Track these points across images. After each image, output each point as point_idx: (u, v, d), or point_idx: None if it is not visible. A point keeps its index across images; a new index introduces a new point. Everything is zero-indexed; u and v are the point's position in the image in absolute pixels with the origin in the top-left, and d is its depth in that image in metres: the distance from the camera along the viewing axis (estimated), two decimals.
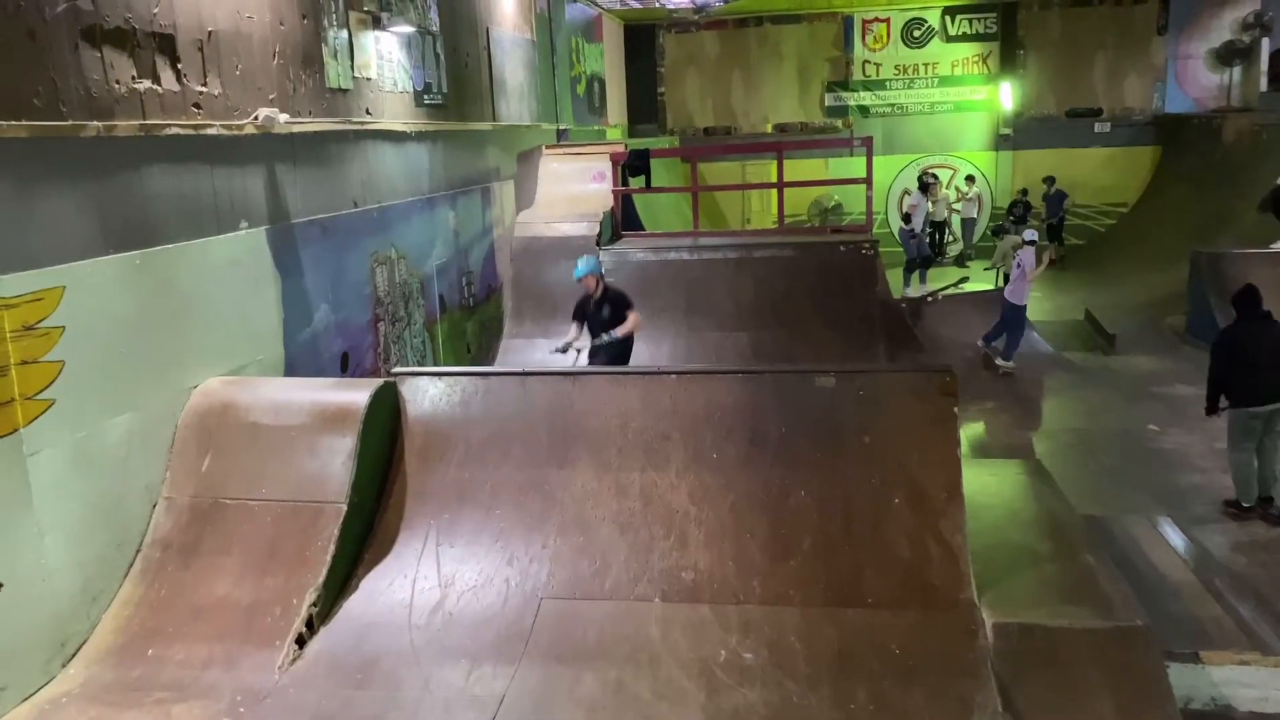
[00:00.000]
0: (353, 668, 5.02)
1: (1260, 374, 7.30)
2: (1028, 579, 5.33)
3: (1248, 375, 7.35)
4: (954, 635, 4.97)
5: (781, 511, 5.68)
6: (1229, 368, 7.47)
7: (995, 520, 6.09)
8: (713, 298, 11.17)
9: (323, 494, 5.70)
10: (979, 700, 4.54)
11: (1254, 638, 5.32)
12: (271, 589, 5.36)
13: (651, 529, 5.72)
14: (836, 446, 5.83)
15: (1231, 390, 7.46)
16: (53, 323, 4.98)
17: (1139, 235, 19.07)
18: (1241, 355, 7.41)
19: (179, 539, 5.61)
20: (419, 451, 6.13)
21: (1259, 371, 7.31)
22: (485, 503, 5.91)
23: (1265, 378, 7.30)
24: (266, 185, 7.02)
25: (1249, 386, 7.34)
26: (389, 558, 5.72)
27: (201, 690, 4.85)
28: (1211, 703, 5.16)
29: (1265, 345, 7.38)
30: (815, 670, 4.84)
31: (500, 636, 5.20)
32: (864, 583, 5.33)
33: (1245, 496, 7.42)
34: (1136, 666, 4.68)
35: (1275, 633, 5.36)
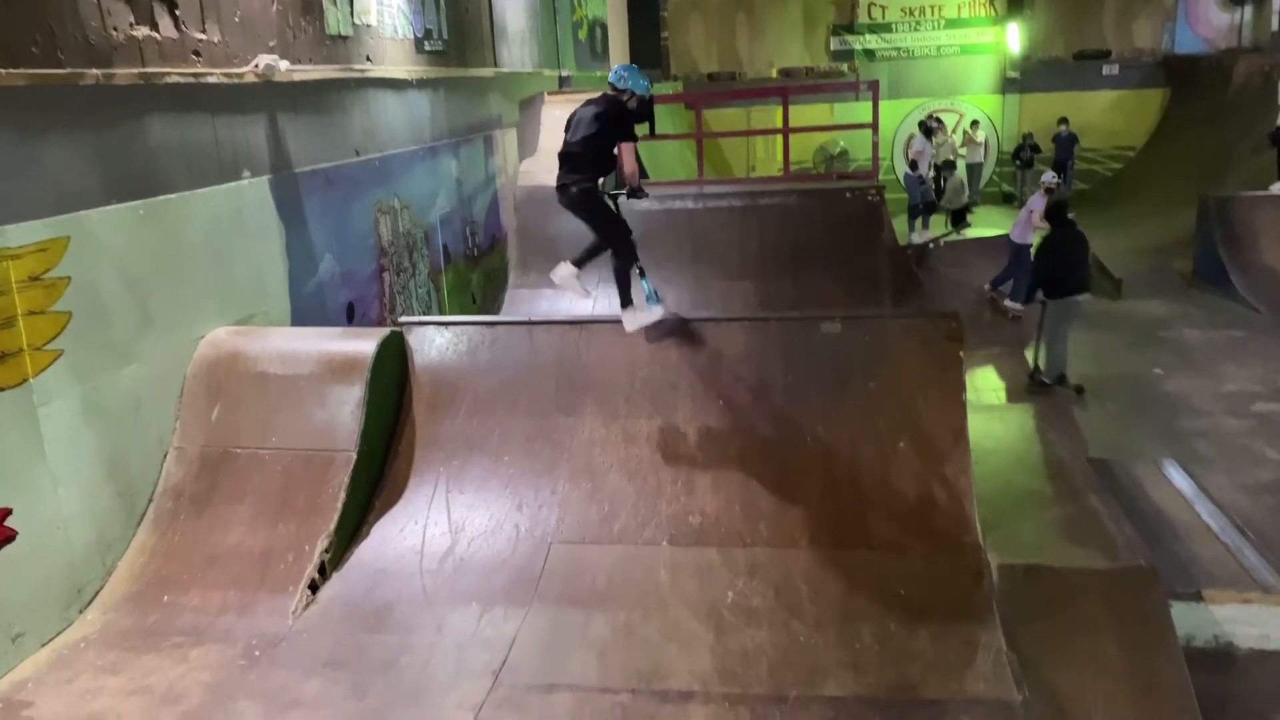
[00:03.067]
0: (366, 612, 5.10)
1: (1073, 271, 9.15)
2: (1033, 521, 5.38)
3: (1064, 273, 9.14)
4: (959, 577, 5.02)
5: (788, 457, 5.72)
6: (1050, 267, 9.19)
7: (1001, 464, 6.14)
8: (718, 247, 11.11)
9: (332, 443, 5.74)
10: (984, 640, 4.60)
11: (1256, 577, 5.37)
12: (284, 536, 5.42)
13: (659, 475, 5.76)
14: (842, 392, 5.85)
15: (1051, 285, 9.17)
16: (59, 273, 4.98)
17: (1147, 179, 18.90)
18: (1059, 257, 9.21)
19: (191, 488, 5.66)
20: (427, 400, 6.16)
21: (1072, 269, 9.16)
22: (494, 450, 5.95)
23: (1076, 274, 9.17)
24: (268, 134, 6.97)
25: (1065, 281, 9.11)
26: (400, 505, 5.77)
27: (217, 635, 4.93)
28: (1214, 640, 5.22)
29: (1075, 249, 9.30)
30: (821, 612, 4.90)
31: (511, 581, 5.26)
32: (870, 526, 5.38)
33: (1051, 374, 9.12)
34: (1140, 606, 4.73)
35: (1277, 572, 5.41)
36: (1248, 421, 8.19)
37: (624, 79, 6.43)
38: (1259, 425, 8.09)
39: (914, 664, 4.50)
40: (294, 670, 4.65)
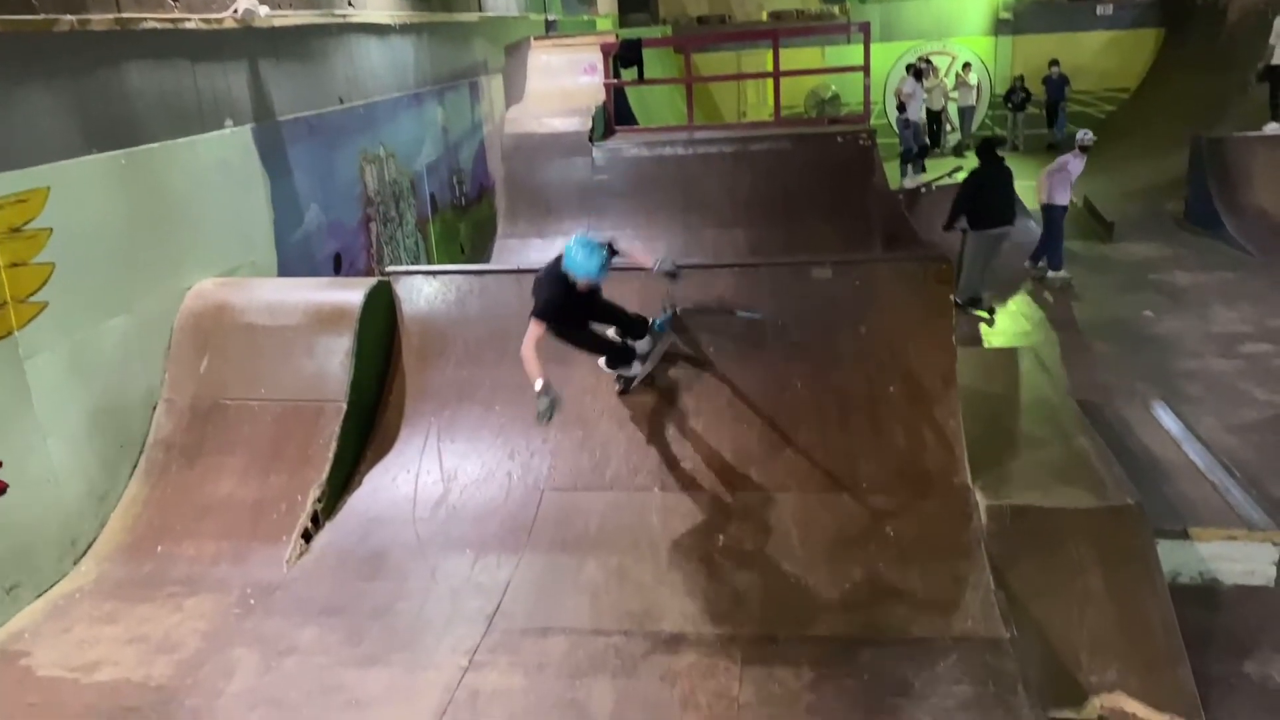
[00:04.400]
0: (360, 560, 5.13)
1: (996, 206, 9.76)
2: (1022, 463, 5.40)
3: (988, 206, 9.71)
4: (948, 518, 5.06)
5: (778, 402, 5.73)
6: (974, 200, 9.78)
7: (990, 407, 6.15)
8: (709, 194, 11.02)
9: (322, 393, 5.73)
10: (972, 579, 4.65)
11: (1241, 514, 5.42)
12: (276, 486, 5.44)
13: (650, 422, 5.77)
14: (833, 337, 5.85)
15: (974, 217, 9.77)
16: (40, 224, 4.92)
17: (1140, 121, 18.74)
18: (983, 191, 9.77)
19: (181, 440, 5.66)
20: (416, 350, 6.14)
21: (996, 204, 9.76)
22: (485, 400, 5.95)
23: (999, 208, 9.81)
24: (250, 82, 6.86)
25: (986, 215, 9.73)
26: (391, 454, 5.78)
27: (212, 584, 4.96)
28: (1199, 577, 5.29)
29: (999, 184, 9.88)
30: (811, 554, 4.94)
31: (503, 528, 5.29)
32: (860, 469, 5.41)
33: (962, 296, 9.60)
34: (1127, 544, 4.77)
35: (1262, 509, 5.46)
36: (1236, 362, 8.22)
37: (569, 255, 5.10)
38: (1248, 366, 8.12)
39: (903, 604, 4.55)
40: (289, 618, 4.69)
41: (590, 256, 5.03)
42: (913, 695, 3.95)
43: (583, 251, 5.04)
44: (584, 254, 5.04)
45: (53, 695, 4.19)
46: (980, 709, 3.87)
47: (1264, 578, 5.26)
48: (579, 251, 5.05)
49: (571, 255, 5.06)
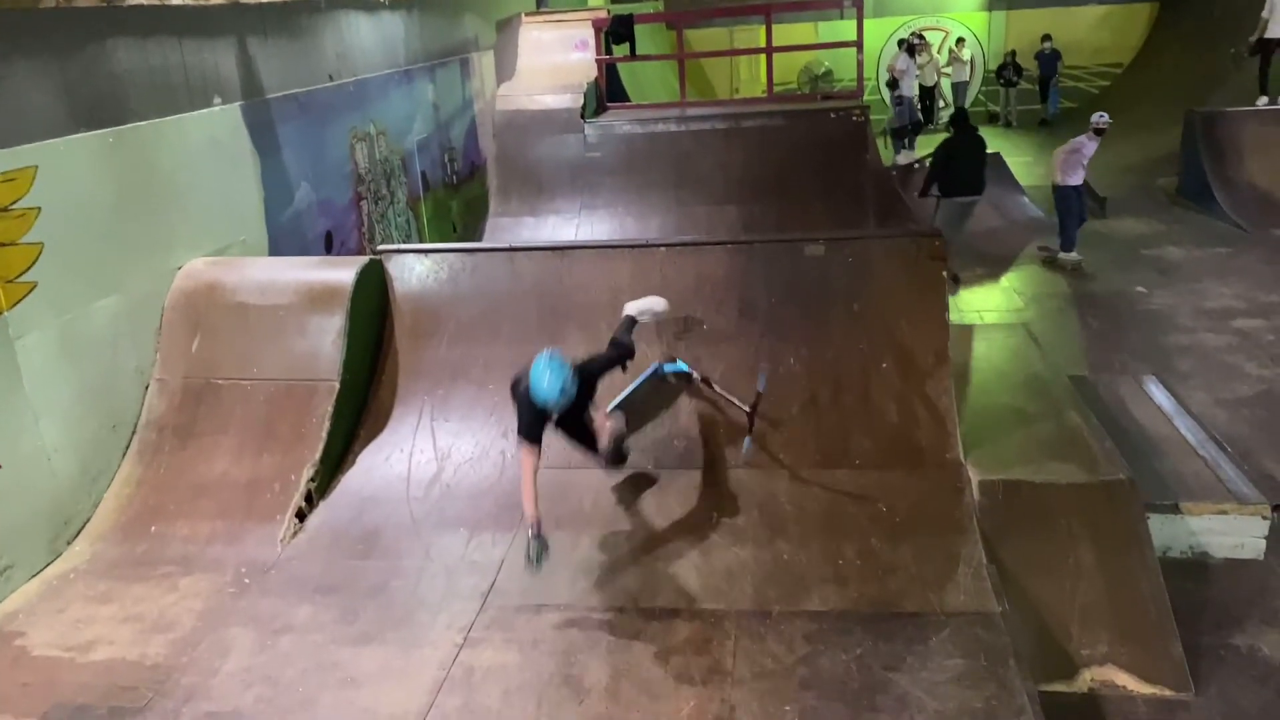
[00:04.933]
0: (354, 539, 5.13)
1: (968, 174, 10.09)
2: (1014, 438, 5.42)
3: (960, 175, 10.05)
4: (941, 493, 5.08)
5: (772, 378, 5.72)
6: (945, 167, 10.10)
7: (983, 383, 6.16)
8: (701, 171, 10.98)
9: (315, 372, 5.72)
10: (964, 554, 4.67)
11: (1232, 489, 5.44)
12: (269, 466, 5.43)
13: (644, 400, 5.76)
14: (826, 314, 5.84)
15: (945, 185, 10.09)
16: (28, 203, 4.89)
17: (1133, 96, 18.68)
18: (954, 160, 10.07)
19: (174, 420, 5.65)
20: (409, 329, 6.13)
21: (968, 173, 10.09)
22: (478, 378, 5.94)
23: (971, 177, 10.13)
24: (238, 59, 6.80)
25: (956, 182, 10.07)
26: (385, 433, 5.78)
27: (206, 564, 4.96)
28: (1189, 550, 5.32)
29: (970, 154, 10.22)
30: (805, 529, 4.96)
31: (498, 506, 5.30)
32: (852, 445, 5.42)
33: None
34: (1118, 518, 4.80)
35: (1253, 483, 5.48)
36: (1228, 337, 8.24)
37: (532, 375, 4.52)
38: (1239, 341, 8.14)
39: (896, 578, 4.57)
40: (284, 596, 4.70)
41: (549, 380, 4.43)
42: (905, 669, 3.98)
43: (542, 374, 4.45)
44: (542, 376, 4.44)
45: (48, 674, 4.20)
46: (972, 682, 3.90)
47: (1253, 551, 5.29)
48: (537, 374, 4.47)
49: (533, 376, 4.48)
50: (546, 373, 4.45)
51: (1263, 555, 5.30)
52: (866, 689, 3.88)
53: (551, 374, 4.45)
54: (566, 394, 4.48)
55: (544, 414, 4.59)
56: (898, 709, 3.78)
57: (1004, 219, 12.33)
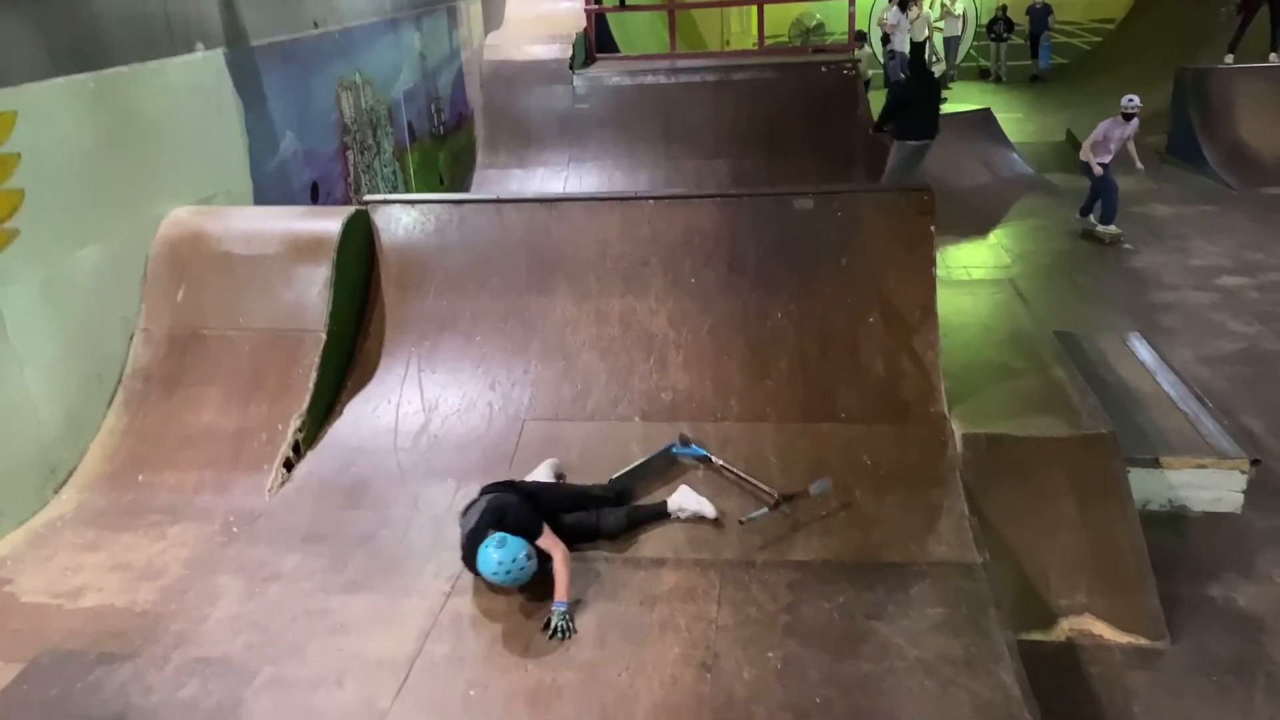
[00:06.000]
0: (342, 489, 5.15)
1: (917, 119, 10.02)
2: (999, 392, 5.46)
3: (911, 118, 9.99)
4: (925, 447, 5.13)
5: (759, 333, 5.74)
6: (900, 111, 10.06)
7: (969, 338, 6.19)
8: (691, 123, 10.90)
9: (301, 323, 5.70)
10: (947, 506, 4.72)
11: (1212, 444, 5.51)
12: (256, 416, 5.43)
13: (631, 353, 5.77)
14: (814, 268, 5.84)
15: (899, 127, 10.09)
16: (8, 149, 4.82)
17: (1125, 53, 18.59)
18: (908, 103, 10.01)
19: (160, 370, 5.63)
20: (396, 280, 6.10)
21: (917, 117, 10.01)
22: (465, 330, 5.93)
23: (920, 122, 10.05)
24: (221, 5, 6.68)
25: (910, 126, 10.02)
26: (372, 384, 5.78)
27: (194, 513, 4.98)
28: (1168, 504, 5.41)
29: (925, 98, 10.19)
30: (789, 481, 4.99)
31: (485, 457, 5.32)
32: (838, 399, 5.45)
33: None
34: (1099, 472, 4.86)
35: (1232, 438, 5.56)
36: (1213, 295, 8.30)
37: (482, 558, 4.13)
38: (1223, 299, 8.21)
39: (879, 529, 4.62)
40: (273, 545, 4.72)
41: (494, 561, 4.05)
42: (886, 617, 4.04)
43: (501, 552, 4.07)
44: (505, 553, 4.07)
45: (36, 621, 4.22)
46: (952, 630, 3.96)
47: (1231, 505, 5.38)
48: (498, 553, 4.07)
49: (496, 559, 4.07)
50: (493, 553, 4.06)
51: (1240, 509, 5.39)
52: (848, 636, 3.94)
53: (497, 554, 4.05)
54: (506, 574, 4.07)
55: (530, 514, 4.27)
56: (879, 656, 3.84)
57: (993, 175, 12.32)
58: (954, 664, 3.78)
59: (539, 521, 4.27)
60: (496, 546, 4.07)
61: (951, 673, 3.73)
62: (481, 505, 4.29)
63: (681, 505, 4.76)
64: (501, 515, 4.19)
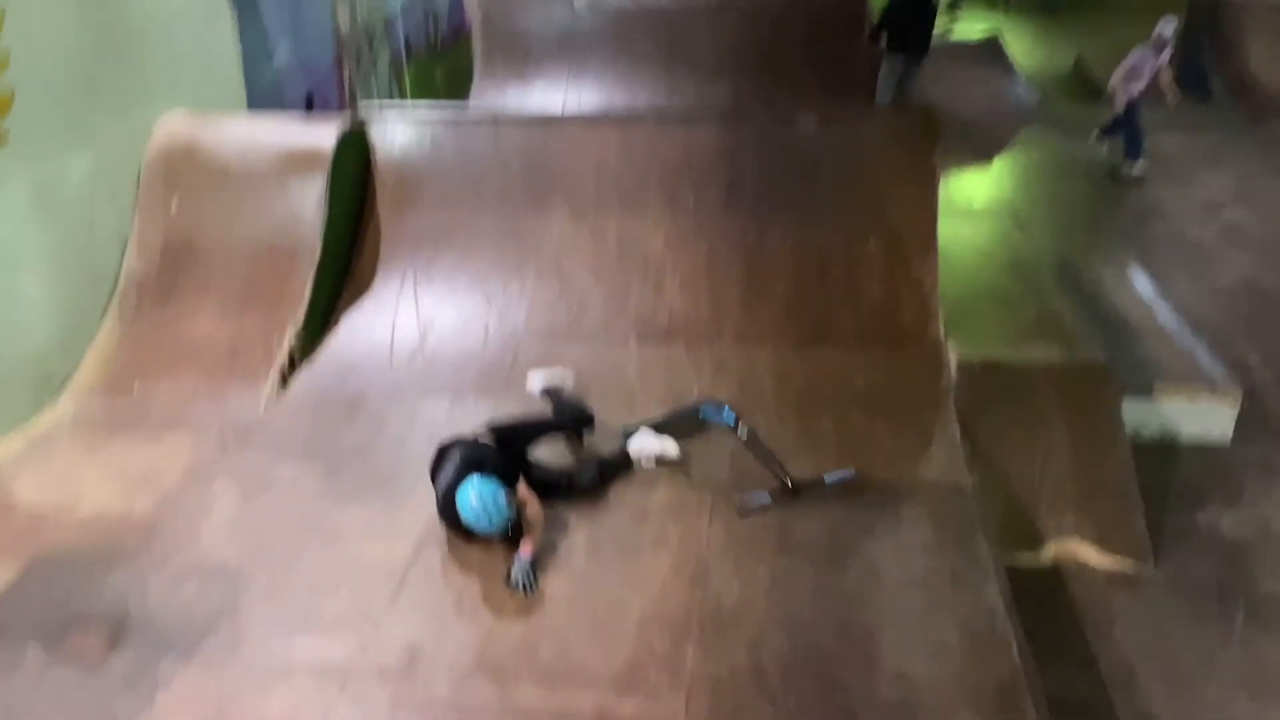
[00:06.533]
0: (338, 403, 5.16)
1: (907, 34, 9.94)
2: (996, 320, 5.48)
3: (901, 33, 9.92)
4: (919, 372, 5.14)
5: (757, 256, 5.71)
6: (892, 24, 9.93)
7: (968, 266, 6.18)
8: (693, 44, 10.66)
9: (296, 236, 5.65)
10: (939, 429, 4.75)
11: (1206, 375, 5.53)
12: (251, 329, 5.42)
13: (628, 275, 5.75)
14: (814, 191, 5.79)
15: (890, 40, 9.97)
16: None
17: None
18: (901, 17, 9.88)
19: (154, 280, 5.60)
20: (391, 195, 6.04)
21: (907, 32, 9.94)
22: (461, 247, 5.89)
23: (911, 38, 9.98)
24: None
25: (900, 40, 9.94)
26: (367, 299, 5.76)
27: (190, 423, 4.99)
28: (1159, 433, 5.44)
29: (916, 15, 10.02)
30: (783, 404, 5.01)
31: (481, 374, 5.33)
32: (834, 323, 5.45)
33: None
34: (1092, 400, 4.88)
35: (1227, 371, 5.57)
36: (1214, 228, 8.25)
37: None
38: (1225, 232, 8.16)
39: (871, 451, 4.64)
40: (268, 455, 4.74)
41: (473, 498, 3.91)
42: (876, 536, 4.08)
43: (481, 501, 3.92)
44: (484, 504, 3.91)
45: (35, 524, 4.26)
46: (940, 550, 4.01)
47: (1221, 435, 5.42)
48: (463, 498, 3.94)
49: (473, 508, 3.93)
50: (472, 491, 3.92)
51: (1230, 440, 5.43)
52: (837, 554, 3.99)
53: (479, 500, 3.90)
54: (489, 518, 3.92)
55: None
56: (866, 573, 3.89)
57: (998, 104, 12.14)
58: (940, 582, 3.83)
59: (515, 471, 4.18)
60: (476, 485, 3.92)
61: (937, 590, 3.79)
62: (455, 458, 4.13)
63: (642, 449, 4.57)
64: (479, 464, 4.06)
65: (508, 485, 4.03)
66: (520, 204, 5.96)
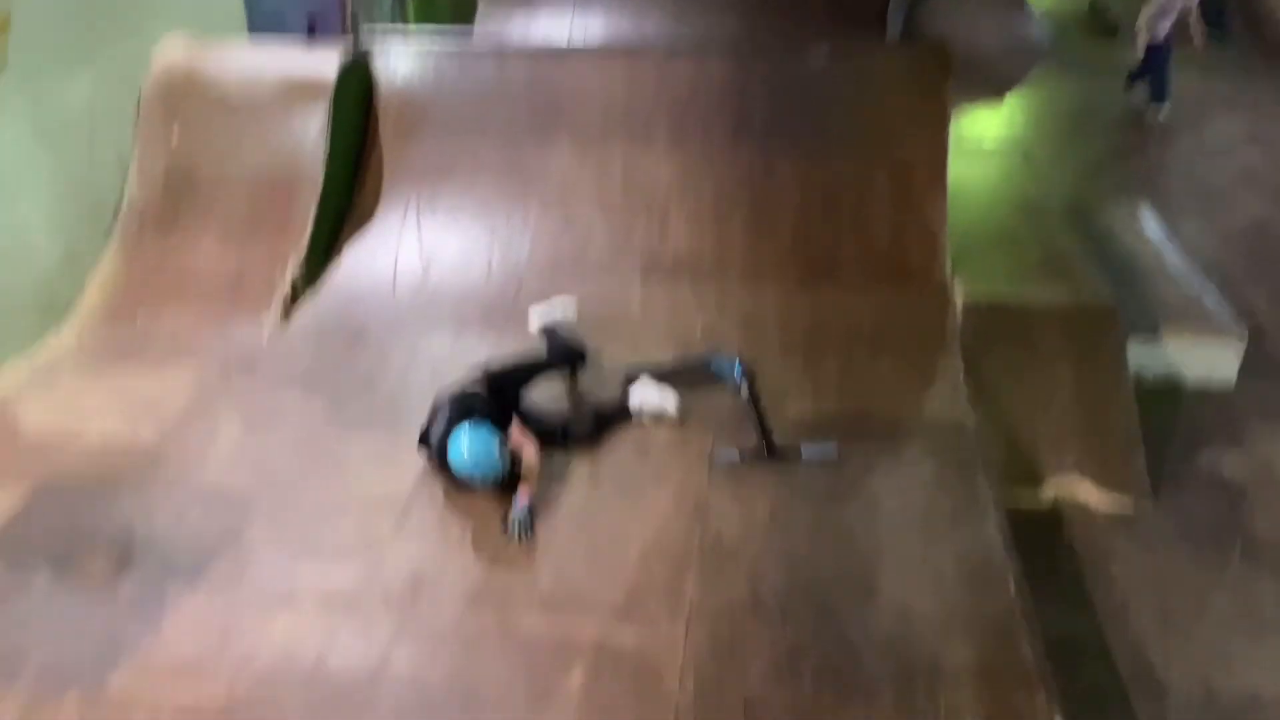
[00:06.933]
0: (340, 335, 5.16)
1: None
2: (1004, 260, 5.43)
3: None
4: (925, 312, 5.11)
5: (764, 193, 5.64)
6: None
7: (976, 205, 6.12)
8: None
9: (298, 166, 5.59)
10: (943, 369, 4.73)
11: (1213, 319, 5.51)
12: (254, 259, 5.39)
13: (633, 209, 5.69)
14: (823, 127, 5.70)
15: None
16: None
17: None
18: None
19: (155, 210, 5.55)
20: (394, 125, 5.96)
21: None
22: (464, 179, 5.83)
23: None
24: None
25: None
26: (370, 231, 5.71)
27: (193, 352, 4.99)
28: (1164, 374, 5.43)
29: None
30: (787, 342, 5.00)
31: (484, 309, 5.31)
32: (841, 262, 5.40)
33: None
34: (1098, 341, 4.87)
35: (1235, 315, 5.55)
36: (1227, 170, 8.16)
37: None
38: (1239, 174, 8.07)
39: (873, 389, 4.64)
40: (272, 385, 4.75)
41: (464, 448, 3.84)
42: (877, 472, 4.09)
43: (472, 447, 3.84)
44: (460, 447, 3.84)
45: (41, 448, 4.29)
46: (940, 488, 4.02)
47: (1225, 378, 5.41)
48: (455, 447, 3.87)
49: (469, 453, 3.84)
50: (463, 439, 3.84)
51: (1234, 382, 5.42)
52: (838, 489, 4.01)
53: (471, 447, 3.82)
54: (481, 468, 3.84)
55: None
56: (866, 508, 3.91)
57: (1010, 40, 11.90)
58: (940, 519, 3.85)
59: (507, 415, 4.07)
60: (467, 433, 3.83)
61: (937, 527, 3.81)
62: (445, 410, 4.01)
63: (643, 401, 4.47)
64: (469, 411, 3.96)
65: (500, 432, 3.92)
66: (525, 136, 5.88)
